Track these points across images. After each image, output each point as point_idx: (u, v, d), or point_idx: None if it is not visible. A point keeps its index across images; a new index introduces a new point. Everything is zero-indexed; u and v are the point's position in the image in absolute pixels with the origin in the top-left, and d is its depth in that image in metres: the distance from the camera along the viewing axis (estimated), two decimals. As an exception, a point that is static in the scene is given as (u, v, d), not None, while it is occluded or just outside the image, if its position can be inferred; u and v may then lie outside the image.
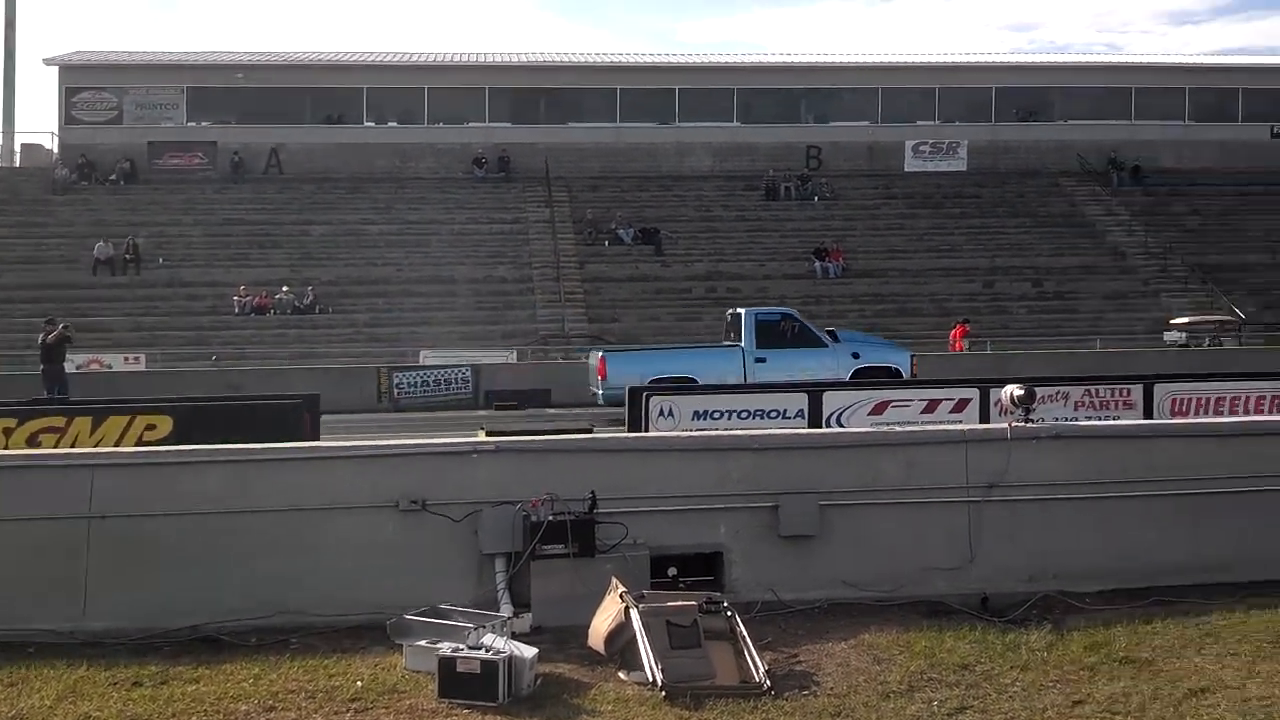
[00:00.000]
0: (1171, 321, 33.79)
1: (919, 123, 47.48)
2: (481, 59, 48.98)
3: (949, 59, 51.42)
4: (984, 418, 14.73)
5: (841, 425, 15.54)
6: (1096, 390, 15.80)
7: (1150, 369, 24.99)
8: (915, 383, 18.31)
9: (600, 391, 21.55)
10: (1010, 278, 39.05)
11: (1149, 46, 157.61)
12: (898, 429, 9.41)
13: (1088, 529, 8.51)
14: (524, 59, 49.60)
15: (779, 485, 8.42)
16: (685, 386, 19.62)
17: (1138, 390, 15.77)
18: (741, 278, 38.56)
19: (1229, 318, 34.48)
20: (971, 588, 8.26)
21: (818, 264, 38.88)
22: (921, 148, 46.79)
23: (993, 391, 13.79)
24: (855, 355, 22.81)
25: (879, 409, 15.89)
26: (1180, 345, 31.86)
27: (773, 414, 16.17)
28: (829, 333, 23.15)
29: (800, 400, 16.23)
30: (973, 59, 51.71)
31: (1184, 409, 15.56)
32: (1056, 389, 15.78)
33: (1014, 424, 8.74)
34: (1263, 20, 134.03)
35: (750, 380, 21.60)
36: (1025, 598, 8.11)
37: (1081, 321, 36.12)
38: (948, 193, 44.86)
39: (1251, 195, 44.54)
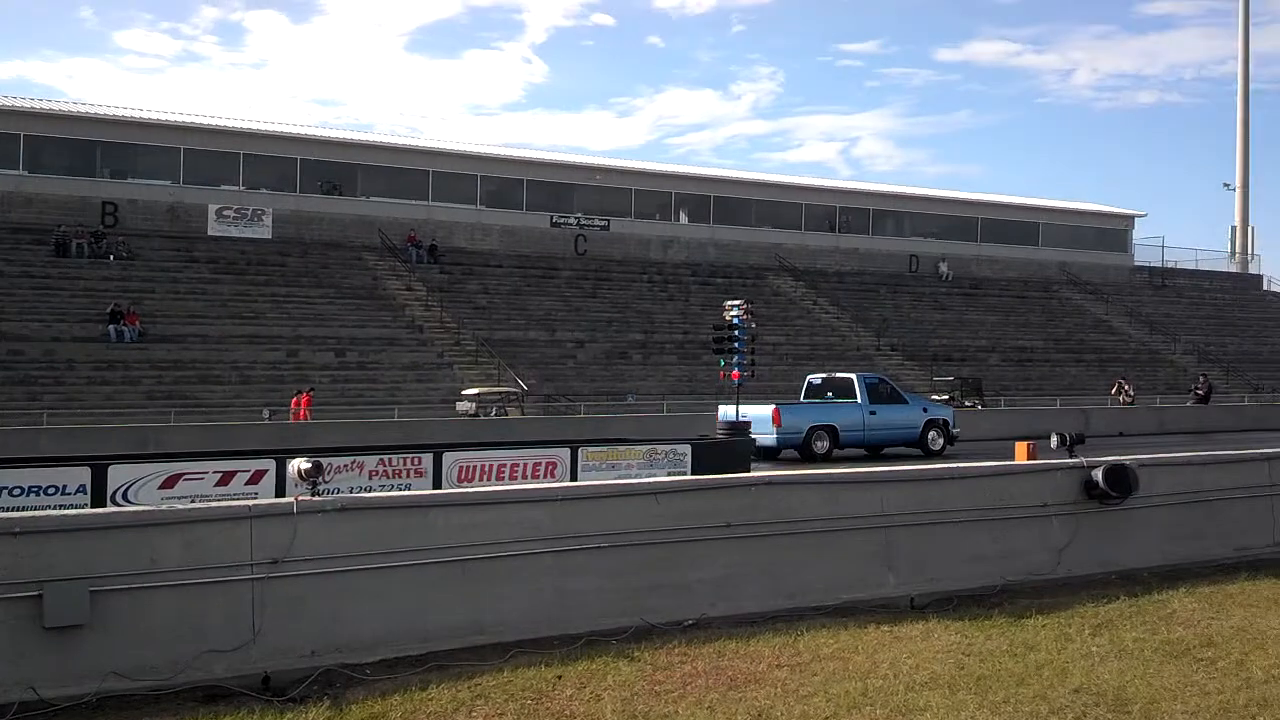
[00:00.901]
0: (463, 392, 35.92)
1: (223, 187, 46.72)
2: None
3: (255, 126, 51.22)
4: (281, 490, 14.61)
5: (129, 501, 14.72)
6: (390, 459, 16.31)
7: (445, 437, 26.50)
8: (210, 454, 17.74)
9: (775, 436, 27.18)
10: (314, 347, 39.37)
11: (447, 133, 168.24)
12: (178, 506, 9.00)
13: (371, 599, 8.66)
14: None
15: (43, 572, 7.66)
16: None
17: (428, 459, 16.51)
18: (26, 339, 35.32)
19: (513, 389, 37.30)
20: (254, 668, 8.05)
21: (112, 327, 36.55)
22: (226, 212, 46.00)
23: (290, 463, 13.72)
24: (925, 410, 29.94)
25: (170, 483, 15.26)
26: (470, 415, 33.96)
27: (50, 490, 14.90)
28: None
29: (82, 475, 15.14)
30: (279, 128, 51.94)
31: (470, 476, 16.53)
32: (352, 459, 16.07)
33: (300, 498, 8.72)
34: (547, 118, 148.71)
35: (867, 429, 28.46)
36: (308, 673, 8.06)
37: (382, 391, 37.29)
38: (252, 259, 44.45)
39: (533, 277, 49.00)
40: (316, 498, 8.83)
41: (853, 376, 29.68)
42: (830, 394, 29.60)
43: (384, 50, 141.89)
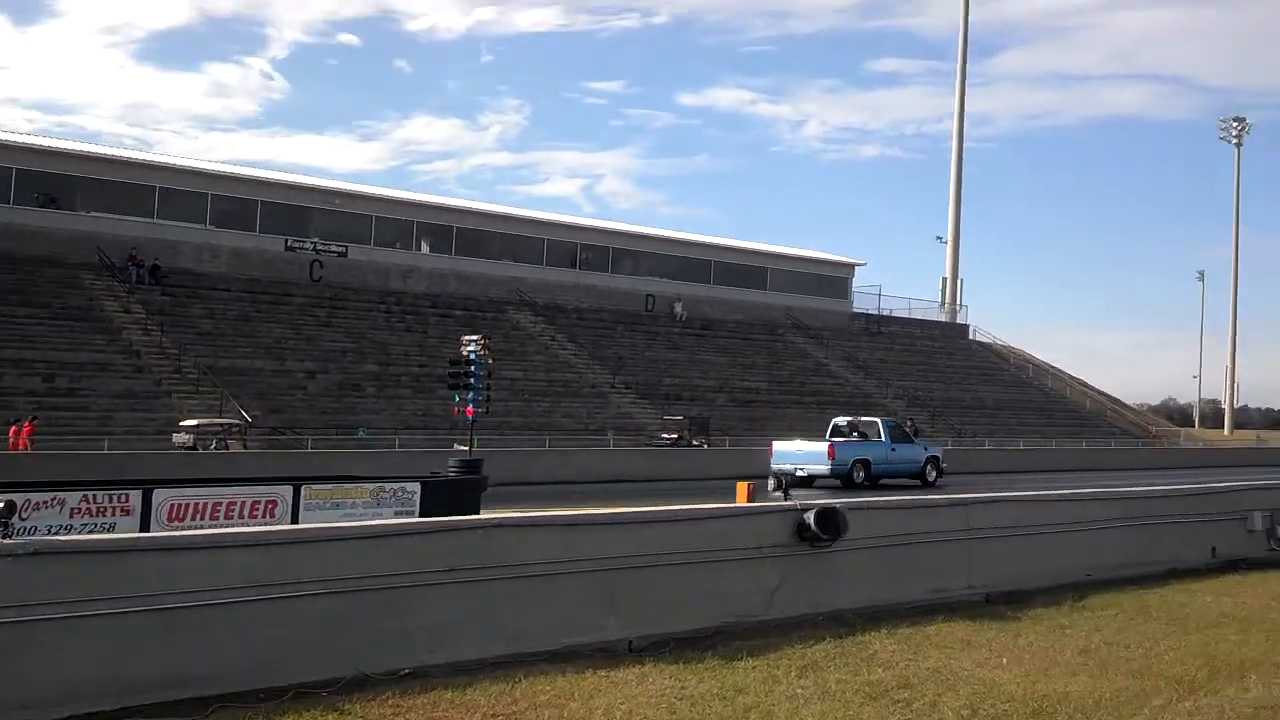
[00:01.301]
0: (181, 423, 34.23)
1: (-76, 195, 43.38)
2: None
3: (-39, 132, 47.75)
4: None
5: None
6: (94, 496, 15.37)
7: (159, 472, 25.21)
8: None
9: (829, 467, 32.26)
10: (19, 371, 36.80)
11: (179, 147, 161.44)
12: None
13: (62, 650, 8.10)
14: None
15: None
16: None
17: (136, 496, 15.65)
18: None
19: (236, 421, 35.82)
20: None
21: None
22: (-75, 222, 42.63)
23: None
24: (925, 448, 35.83)
25: None
26: (188, 448, 32.39)
27: None
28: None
29: None
30: (-10, 135, 48.61)
31: (181, 515, 15.76)
32: (52, 495, 15.08)
33: (-13, 542, 8.11)
34: (286, 138, 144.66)
35: (889, 462, 33.75)
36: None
37: (92, 421, 35.16)
38: (-48, 274, 41.28)
39: (264, 302, 47.39)
40: (6, 540, 8.23)
41: (877, 420, 35.96)
42: (854, 434, 34.62)
43: (113, 58, 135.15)
